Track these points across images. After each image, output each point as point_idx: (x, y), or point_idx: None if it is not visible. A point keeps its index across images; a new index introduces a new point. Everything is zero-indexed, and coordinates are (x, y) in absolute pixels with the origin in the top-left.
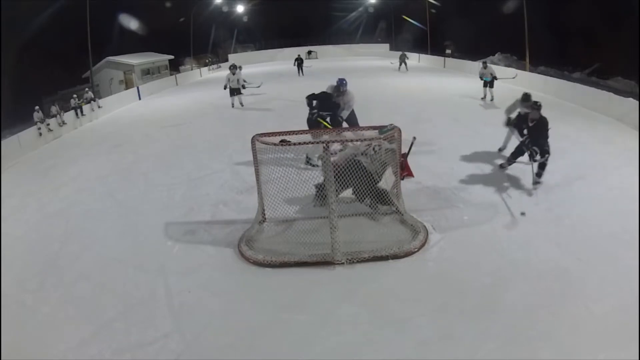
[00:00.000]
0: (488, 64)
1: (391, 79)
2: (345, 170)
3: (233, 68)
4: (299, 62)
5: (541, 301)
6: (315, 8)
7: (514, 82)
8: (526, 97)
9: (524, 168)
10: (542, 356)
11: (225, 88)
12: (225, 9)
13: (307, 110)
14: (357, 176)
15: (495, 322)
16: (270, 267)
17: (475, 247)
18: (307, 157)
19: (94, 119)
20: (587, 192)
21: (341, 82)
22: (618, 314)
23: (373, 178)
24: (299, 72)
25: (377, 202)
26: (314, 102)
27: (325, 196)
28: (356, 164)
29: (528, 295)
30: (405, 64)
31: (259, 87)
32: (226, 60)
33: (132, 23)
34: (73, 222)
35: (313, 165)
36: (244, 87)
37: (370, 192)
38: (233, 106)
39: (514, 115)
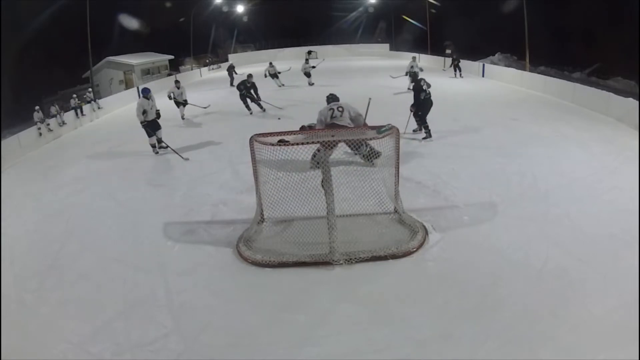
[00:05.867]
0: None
1: (391, 79)
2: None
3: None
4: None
5: (541, 301)
6: (315, 8)
7: (514, 82)
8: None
9: (525, 170)
10: (542, 356)
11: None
12: (225, 9)
13: (307, 110)
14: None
15: (495, 322)
16: (269, 267)
17: (476, 247)
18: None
19: (94, 119)
20: (587, 192)
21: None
22: (618, 314)
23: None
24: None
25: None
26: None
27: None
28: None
29: (528, 295)
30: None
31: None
32: (226, 60)
33: (132, 23)
34: (73, 222)
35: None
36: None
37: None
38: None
39: None
